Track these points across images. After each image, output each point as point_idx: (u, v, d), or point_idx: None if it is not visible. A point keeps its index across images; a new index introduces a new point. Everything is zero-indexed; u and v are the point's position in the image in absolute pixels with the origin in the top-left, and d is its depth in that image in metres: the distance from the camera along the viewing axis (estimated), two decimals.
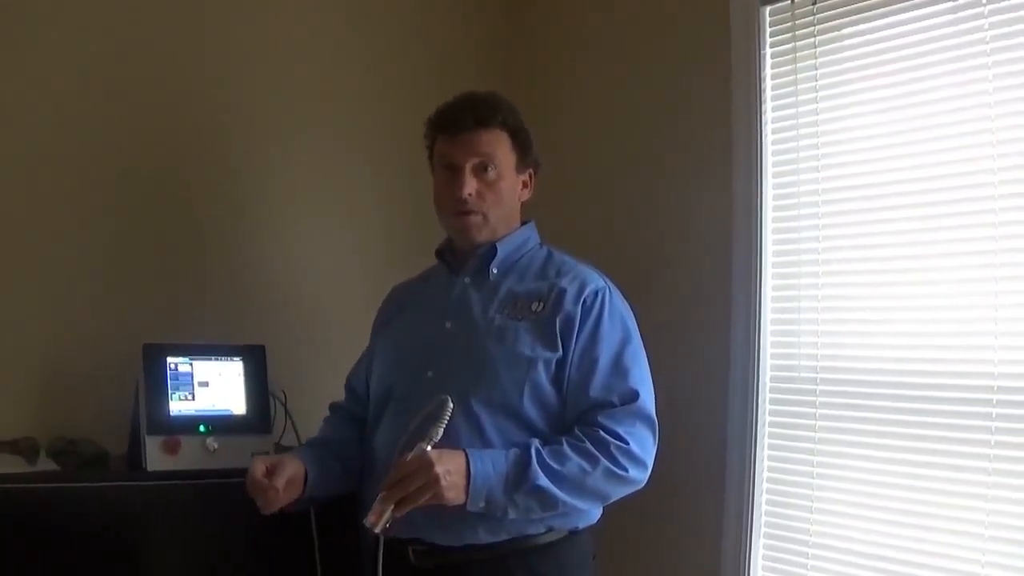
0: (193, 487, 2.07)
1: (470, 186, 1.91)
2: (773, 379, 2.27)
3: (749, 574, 2.27)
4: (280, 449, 2.25)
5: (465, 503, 1.70)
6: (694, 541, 2.40)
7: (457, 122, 1.93)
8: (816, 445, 2.16)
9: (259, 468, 1.83)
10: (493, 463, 1.72)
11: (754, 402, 2.26)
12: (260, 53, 2.57)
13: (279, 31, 2.61)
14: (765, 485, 2.27)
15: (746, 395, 2.27)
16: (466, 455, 1.71)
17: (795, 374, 2.23)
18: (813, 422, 2.17)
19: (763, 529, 2.27)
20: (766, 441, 2.26)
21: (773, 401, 2.26)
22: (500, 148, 1.94)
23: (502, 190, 1.94)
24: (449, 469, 1.68)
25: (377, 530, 1.66)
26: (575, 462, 1.74)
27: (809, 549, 2.17)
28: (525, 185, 2.01)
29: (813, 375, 2.18)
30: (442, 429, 1.67)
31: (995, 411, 1.85)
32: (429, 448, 1.67)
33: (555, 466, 1.73)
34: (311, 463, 1.90)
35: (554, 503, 1.74)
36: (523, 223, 2.03)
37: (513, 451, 1.75)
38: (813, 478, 2.17)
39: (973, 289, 1.92)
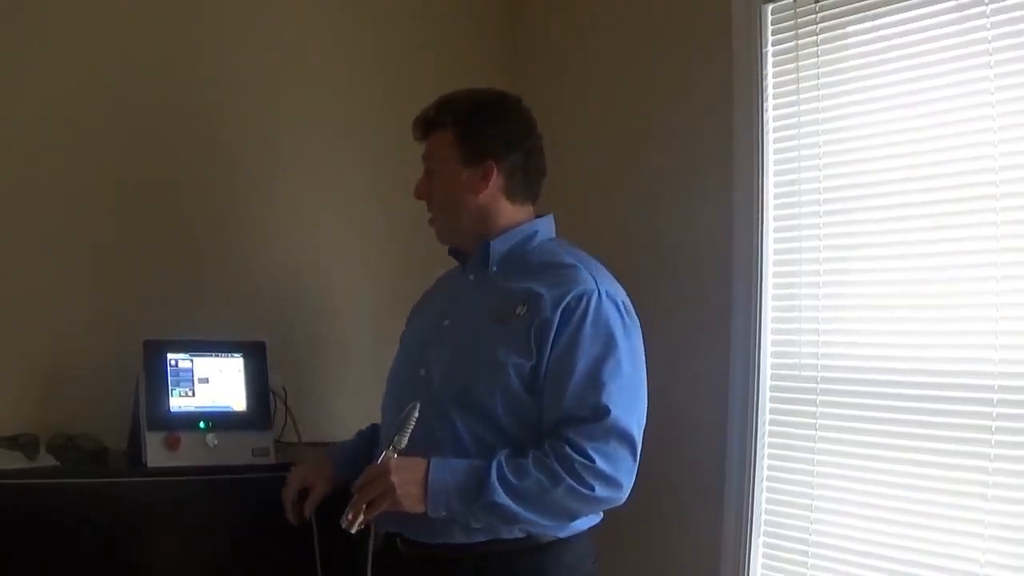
0: (193, 483, 2.07)
1: (418, 190, 1.94)
2: (773, 377, 2.27)
3: (748, 573, 2.27)
4: (281, 446, 2.26)
5: (425, 511, 1.70)
6: (693, 540, 2.40)
7: (415, 134, 1.96)
8: (816, 444, 2.16)
9: (291, 492, 1.98)
10: (452, 474, 1.69)
11: (754, 400, 2.26)
12: (264, 50, 2.57)
13: (284, 29, 2.61)
14: (765, 484, 2.26)
15: (746, 393, 2.27)
16: (428, 464, 1.70)
17: (796, 372, 2.23)
18: (813, 420, 2.17)
19: (763, 528, 2.27)
20: (766, 440, 2.26)
21: (773, 399, 2.26)
22: (439, 147, 1.91)
23: (437, 188, 1.92)
24: (405, 479, 1.67)
25: (352, 530, 1.70)
26: (535, 478, 1.68)
27: (809, 548, 2.16)
28: (484, 178, 1.88)
29: (814, 373, 2.18)
30: (406, 437, 1.68)
31: (996, 410, 1.85)
32: (395, 455, 1.69)
33: (514, 482, 1.68)
34: (340, 457, 2.00)
35: (513, 518, 1.70)
36: (539, 216, 1.97)
37: (474, 463, 1.71)
38: (813, 476, 2.16)
39: (974, 288, 1.92)
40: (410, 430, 1.68)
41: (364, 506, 1.69)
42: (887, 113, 2.06)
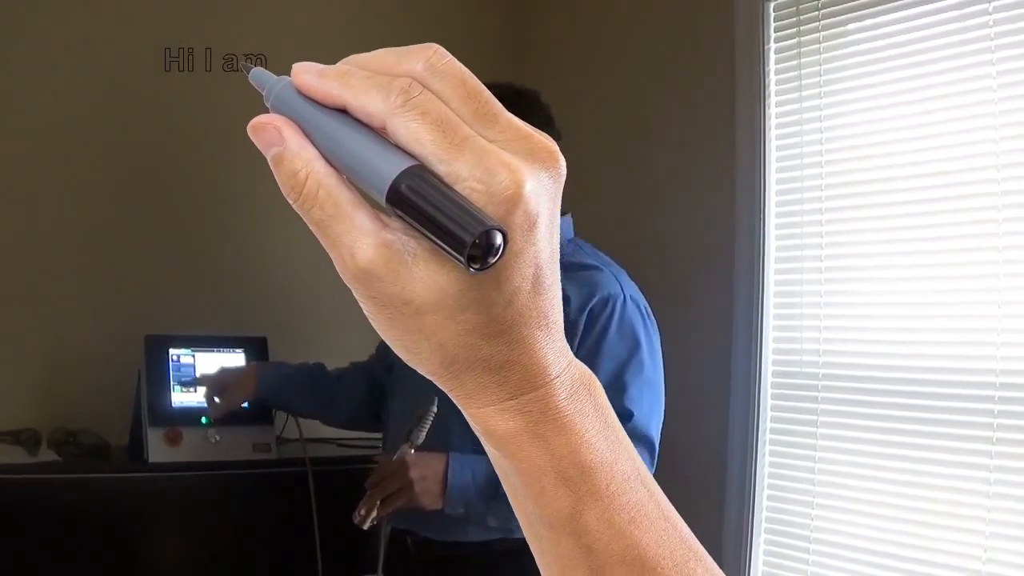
0: (194, 479, 2.07)
1: None
2: (775, 374, 2.27)
3: (750, 570, 2.27)
4: (282, 442, 2.26)
5: (443, 508, 1.69)
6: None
7: None
8: (818, 441, 2.16)
9: (207, 393, 2.06)
10: (473, 470, 1.68)
11: (756, 397, 2.26)
12: (264, 44, 2.57)
13: (285, 27, 2.61)
14: (766, 481, 2.27)
15: (748, 390, 2.27)
16: (447, 460, 1.69)
17: (797, 369, 2.23)
18: (815, 417, 2.17)
19: (764, 525, 2.27)
20: (767, 436, 2.26)
21: (775, 396, 2.26)
22: None
23: None
24: (424, 475, 1.67)
25: (365, 526, 1.69)
26: None
27: (810, 545, 2.16)
28: None
29: (815, 371, 2.18)
30: (424, 433, 1.67)
31: (997, 408, 1.85)
32: (411, 451, 1.68)
33: None
34: (270, 382, 2.03)
35: None
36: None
37: None
38: (814, 474, 2.16)
39: (976, 285, 1.92)
40: (428, 426, 1.66)
41: (379, 502, 1.67)
42: (890, 110, 2.06)
